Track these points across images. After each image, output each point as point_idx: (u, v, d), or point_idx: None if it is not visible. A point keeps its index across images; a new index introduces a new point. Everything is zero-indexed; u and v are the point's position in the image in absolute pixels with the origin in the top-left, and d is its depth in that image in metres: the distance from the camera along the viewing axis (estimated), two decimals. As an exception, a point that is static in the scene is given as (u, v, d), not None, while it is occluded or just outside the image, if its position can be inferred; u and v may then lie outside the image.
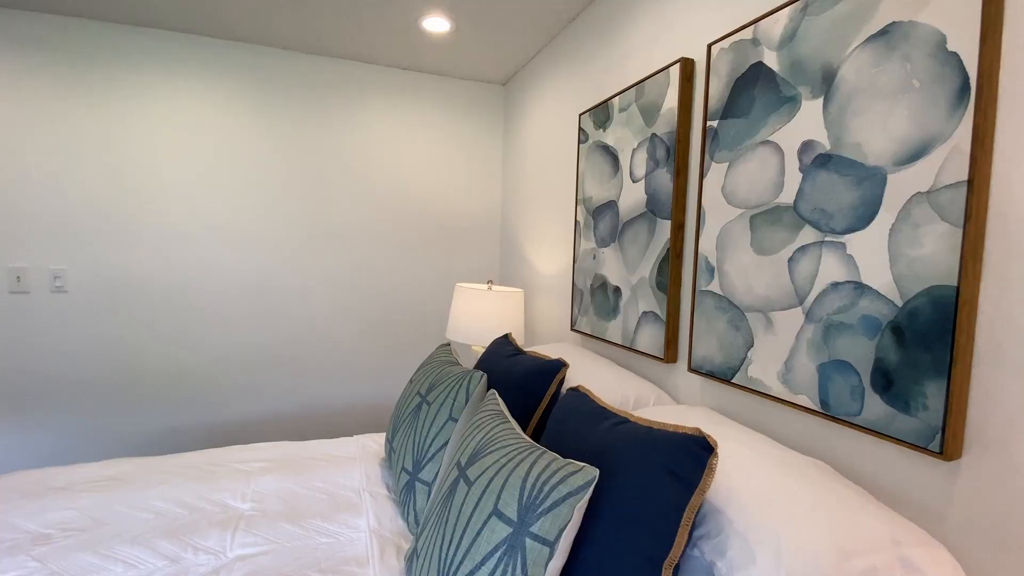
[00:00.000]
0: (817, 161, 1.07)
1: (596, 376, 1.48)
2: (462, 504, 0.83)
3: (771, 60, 1.18)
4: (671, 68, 1.50)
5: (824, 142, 1.05)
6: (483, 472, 0.84)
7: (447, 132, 2.92)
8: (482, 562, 0.74)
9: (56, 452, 2.36)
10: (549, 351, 1.76)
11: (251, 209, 2.57)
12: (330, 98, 2.68)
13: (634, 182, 1.66)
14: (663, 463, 0.80)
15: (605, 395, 1.38)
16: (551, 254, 2.37)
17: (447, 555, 0.79)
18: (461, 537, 0.78)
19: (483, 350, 2.39)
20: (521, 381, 1.39)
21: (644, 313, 1.58)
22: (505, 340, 1.74)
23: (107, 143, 2.34)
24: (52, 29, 2.23)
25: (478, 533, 0.76)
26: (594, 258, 1.89)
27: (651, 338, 1.55)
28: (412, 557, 0.95)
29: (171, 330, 2.48)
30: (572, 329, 2.04)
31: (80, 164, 2.30)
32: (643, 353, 1.58)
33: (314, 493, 1.37)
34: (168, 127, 2.42)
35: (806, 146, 1.09)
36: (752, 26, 1.23)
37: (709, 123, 1.35)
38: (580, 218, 2.00)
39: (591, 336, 1.89)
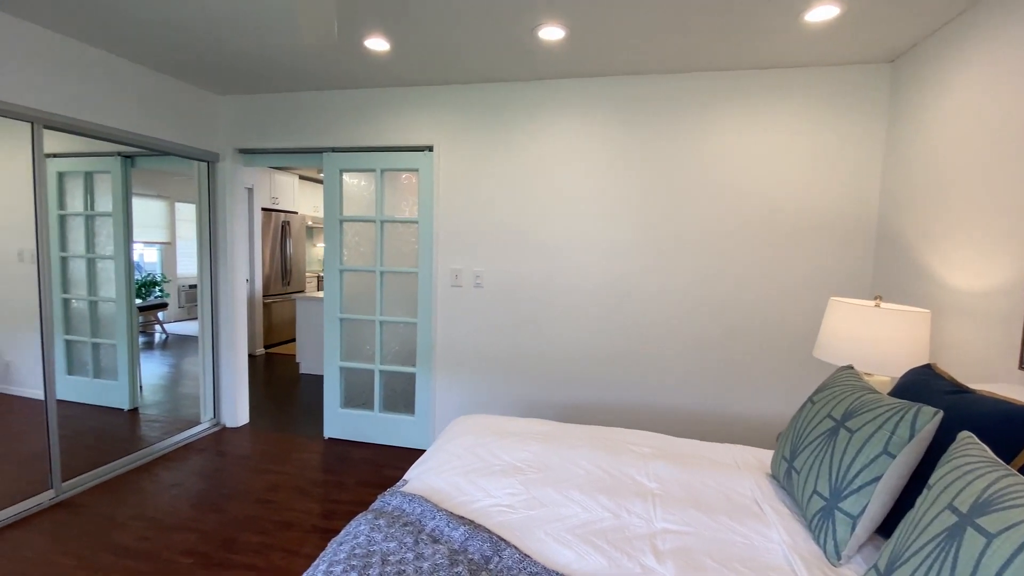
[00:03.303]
0: None
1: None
2: (980, 556, 0.73)
3: None
4: None
5: None
6: (1012, 526, 0.73)
7: (804, 126, 2.65)
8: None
9: (469, 403, 3.21)
10: (1001, 392, 1.39)
11: (613, 222, 2.92)
12: (681, 111, 2.79)
13: None
14: None
15: None
16: (975, 265, 1.87)
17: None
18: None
19: (864, 375, 2.07)
20: (984, 427, 1.14)
21: None
22: (930, 371, 1.46)
23: (510, 177, 3.03)
24: (479, 94, 3.04)
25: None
26: (1082, 276, 1.39)
27: None
28: (876, 592, 0.90)
29: (545, 321, 3.05)
30: (1022, 367, 1.56)
31: (495, 194, 3.06)
32: None
33: (709, 490, 1.45)
34: (553, 158, 2.97)
35: None
36: None
37: None
38: (1051, 222, 1.51)
39: (1068, 381, 1.40)
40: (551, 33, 2.33)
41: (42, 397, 2.85)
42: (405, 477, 1.59)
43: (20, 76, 2.36)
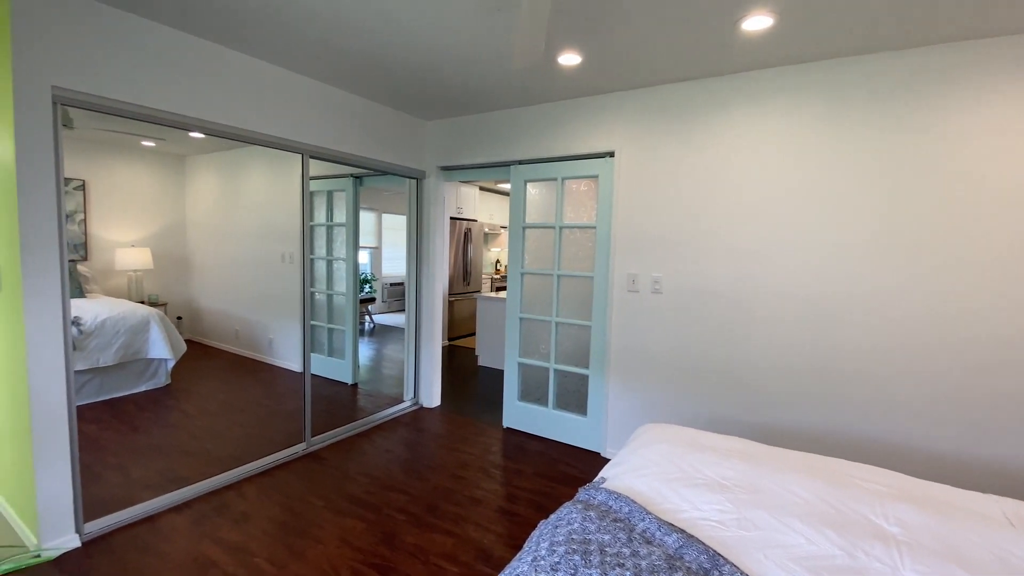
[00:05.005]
0: None
1: None
2: None
3: None
4: None
5: None
6: None
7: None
8: None
9: (644, 411, 3.16)
10: None
11: (826, 223, 2.59)
12: (912, 93, 2.34)
13: None
14: None
15: None
16: None
17: None
18: None
19: None
20: None
21: None
22: None
23: (695, 178, 2.90)
24: (663, 95, 2.96)
25: None
26: None
27: None
28: None
29: (735, 332, 2.85)
30: None
31: (678, 197, 2.96)
32: None
33: (974, 547, 1.21)
34: (746, 156, 2.75)
35: None
36: None
37: None
38: None
39: None
40: (757, 23, 2.17)
41: (293, 368, 3.62)
42: (602, 475, 1.64)
43: (295, 117, 3.03)
